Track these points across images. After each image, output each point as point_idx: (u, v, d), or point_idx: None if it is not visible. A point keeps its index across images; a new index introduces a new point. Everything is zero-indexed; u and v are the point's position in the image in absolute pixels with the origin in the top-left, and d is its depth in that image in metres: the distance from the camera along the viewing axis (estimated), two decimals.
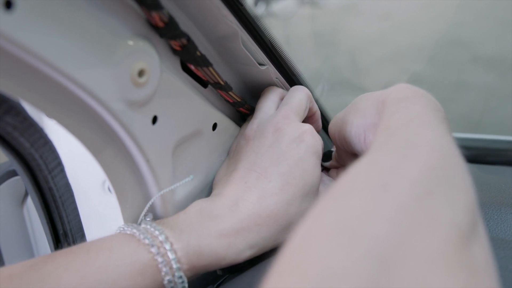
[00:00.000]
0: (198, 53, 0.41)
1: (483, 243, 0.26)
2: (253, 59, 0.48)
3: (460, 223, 0.25)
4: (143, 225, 0.39)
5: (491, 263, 0.26)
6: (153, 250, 0.37)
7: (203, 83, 0.47)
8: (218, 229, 0.41)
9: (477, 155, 0.79)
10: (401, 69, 3.30)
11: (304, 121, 0.51)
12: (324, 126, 0.64)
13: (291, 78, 0.56)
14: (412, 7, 4.53)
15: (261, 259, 0.48)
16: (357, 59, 3.51)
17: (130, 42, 0.36)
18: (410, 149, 0.30)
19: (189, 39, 0.40)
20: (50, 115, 0.34)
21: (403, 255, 0.21)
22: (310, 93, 0.52)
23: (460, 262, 0.23)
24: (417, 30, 3.94)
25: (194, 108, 0.45)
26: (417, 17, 4.29)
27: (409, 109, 0.36)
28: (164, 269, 0.37)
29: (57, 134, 0.47)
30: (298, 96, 0.50)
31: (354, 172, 0.28)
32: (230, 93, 0.48)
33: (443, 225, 0.24)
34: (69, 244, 0.52)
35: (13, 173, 0.60)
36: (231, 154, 0.51)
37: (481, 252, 0.26)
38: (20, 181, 0.61)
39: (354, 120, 0.46)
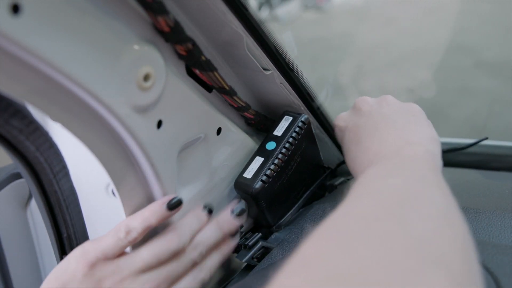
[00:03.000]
0: (203, 58, 0.42)
1: None
2: (257, 64, 0.48)
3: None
4: None
5: None
6: None
7: (208, 88, 0.47)
8: None
9: (480, 160, 0.79)
10: (405, 74, 3.29)
11: None
12: (327, 131, 0.64)
13: (296, 83, 0.56)
14: (417, 13, 4.53)
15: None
16: (362, 64, 3.51)
17: (136, 47, 0.36)
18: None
19: (194, 44, 0.40)
20: (55, 119, 0.34)
21: None
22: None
23: None
24: (421, 35, 3.94)
25: (199, 112, 0.45)
26: (422, 23, 4.30)
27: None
28: None
29: (62, 137, 0.47)
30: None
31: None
32: (235, 97, 0.49)
33: None
34: (72, 247, 0.52)
35: (17, 176, 0.61)
36: None
37: None
38: (24, 184, 0.61)
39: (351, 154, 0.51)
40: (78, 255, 0.41)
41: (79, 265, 0.40)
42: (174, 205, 0.43)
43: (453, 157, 0.79)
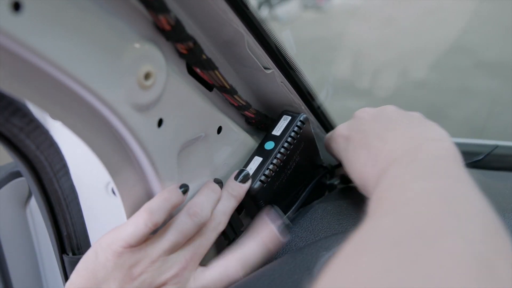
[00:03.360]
0: (204, 57, 0.41)
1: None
2: (258, 63, 0.48)
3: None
4: None
5: None
6: None
7: (209, 87, 0.47)
8: None
9: (480, 160, 0.79)
10: (404, 74, 3.30)
11: None
12: (328, 131, 0.64)
13: (296, 82, 0.56)
14: (416, 13, 4.53)
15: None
16: (361, 64, 3.51)
17: (137, 45, 0.36)
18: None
19: (195, 43, 0.40)
20: (55, 117, 0.34)
21: None
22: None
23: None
24: (421, 35, 3.94)
25: (200, 111, 0.45)
26: (421, 23, 4.30)
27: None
28: None
29: (62, 136, 0.47)
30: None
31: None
32: (235, 96, 0.49)
33: None
34: (72, 246, 0.52)
35: (17, 174, 0.61)
36: None
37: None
38: (24, 183, 0.61)
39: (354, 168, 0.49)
40: (104, 246, 0.41)
41: (107, 256, 0.40)
42: (186, 189, 0.44)
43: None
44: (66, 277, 0.53)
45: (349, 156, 0.51)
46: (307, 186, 0.61)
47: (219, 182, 0.50)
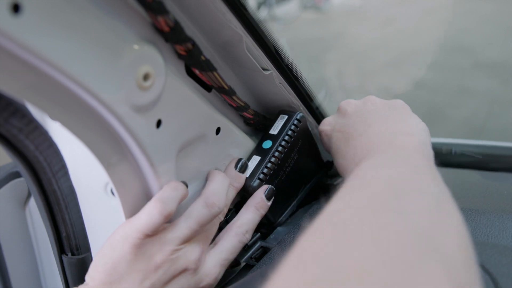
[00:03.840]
0: (202, 58, 0.42)
1: None
2: (257, 64, 0.49)
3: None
4: None
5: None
6: None
7: (207, 88, 0.47)
8: None
9: (479, 161, 0.79)
10: (404, 74, 3.30)
11: None
12: None
13: (295, 83, 0.56)
14: (415, 13, 4.53)
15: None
16: (360, 64, 3.51)
17: (136, 46, 0.36)
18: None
19: (194, 44, 0.40)
20: (55, 118, 0.34)
21: None
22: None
23: None
24: (420, 36, 3.95)
25: (198, 112, 0.45)
26: (420, 23, 4.30)
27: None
28: None
29: (61, 136, 0.47)
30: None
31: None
32: (234, 97, 0.49)
33: None
34: (71, 247, 0.52)
35: (16, 175, 0.61)
36: None
37: None
38: (23, 183, 0.61)
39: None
40: (120, 239, 0.41)
41: (125, 248, 0.40)
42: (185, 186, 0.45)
43: (452, 158, 0.79)
44: (65, 277, 0.53)
45: (332, 149, 0.54)
46: (307, 183, 0.62)
47: None
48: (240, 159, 0.52)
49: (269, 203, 0.53)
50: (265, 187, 0.53)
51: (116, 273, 0.40)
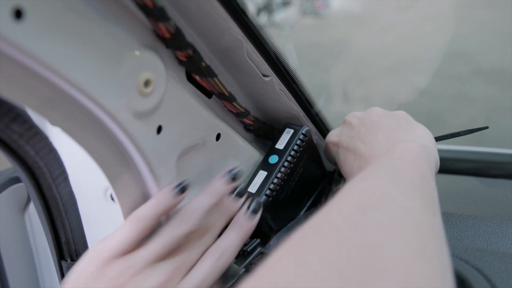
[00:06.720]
0: (203, 64, 0.42)
1: None
2: (257, 70, 0.49)
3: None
4: None
5: None
6: None
7: (208, 94, 0.47)
8: None
9: (478, 168, 0.79)
10: (403, 81, 3.30)
11: None
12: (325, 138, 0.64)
13: (295, 90, 0.56)
14: (414, 20, 4.54)
15: None
16: (360, 70, 3.52)
17: (137, 53, 0.36)
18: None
19: (194, 50, 0.40)
20: (55, 123, 0.34)
21: None
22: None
23: None
24: (419, 42, 3.95)
25: (199, 118, 0.45)
26: (419, 29, 4.31)
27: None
28: None
29: (62, 142, 0.47)
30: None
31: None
32: (234, 103, 0.49)
33: None
34: (71, 252, 0.52)
35: (15, 180, 0.61)
36: None
37: None
38: (23, 188, 0.61)
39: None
40: (93, 256, 0.40)
41: (93, 266, 0.40)
42: (183, 188, 0.43)
43: (452, 164, 0.79)
44: None
45: (341, 160, 0.55)
46: (312, 194, 0.62)
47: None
48: (236, 187, 0.49)
49: (255, 219, 0.49)
50: (247, 203, 0.49)
51: None
